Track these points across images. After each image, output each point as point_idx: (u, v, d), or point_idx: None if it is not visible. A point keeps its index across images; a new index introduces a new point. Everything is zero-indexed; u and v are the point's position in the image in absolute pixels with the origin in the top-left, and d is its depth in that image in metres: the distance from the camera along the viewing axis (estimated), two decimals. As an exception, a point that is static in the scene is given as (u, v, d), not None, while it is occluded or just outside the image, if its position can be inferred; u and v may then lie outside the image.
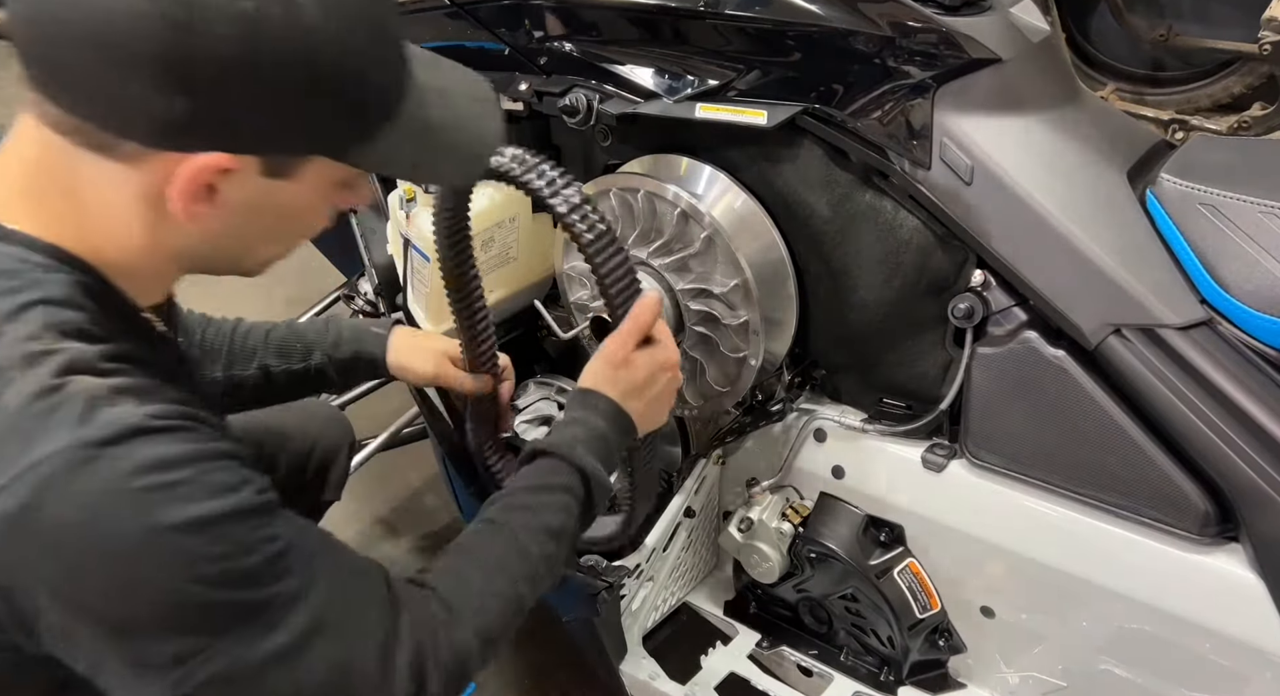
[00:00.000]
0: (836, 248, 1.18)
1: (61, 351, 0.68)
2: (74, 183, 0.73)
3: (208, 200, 0.72)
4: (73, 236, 0.74)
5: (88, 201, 0.73)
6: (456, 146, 0.80)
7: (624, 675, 1.38)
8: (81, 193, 0.73)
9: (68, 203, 0.73)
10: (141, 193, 0.72)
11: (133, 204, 0.73)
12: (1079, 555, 1.13)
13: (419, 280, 1.39)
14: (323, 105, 0.71)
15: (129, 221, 0.74)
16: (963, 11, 1.06)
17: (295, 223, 0.81)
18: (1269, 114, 2.78)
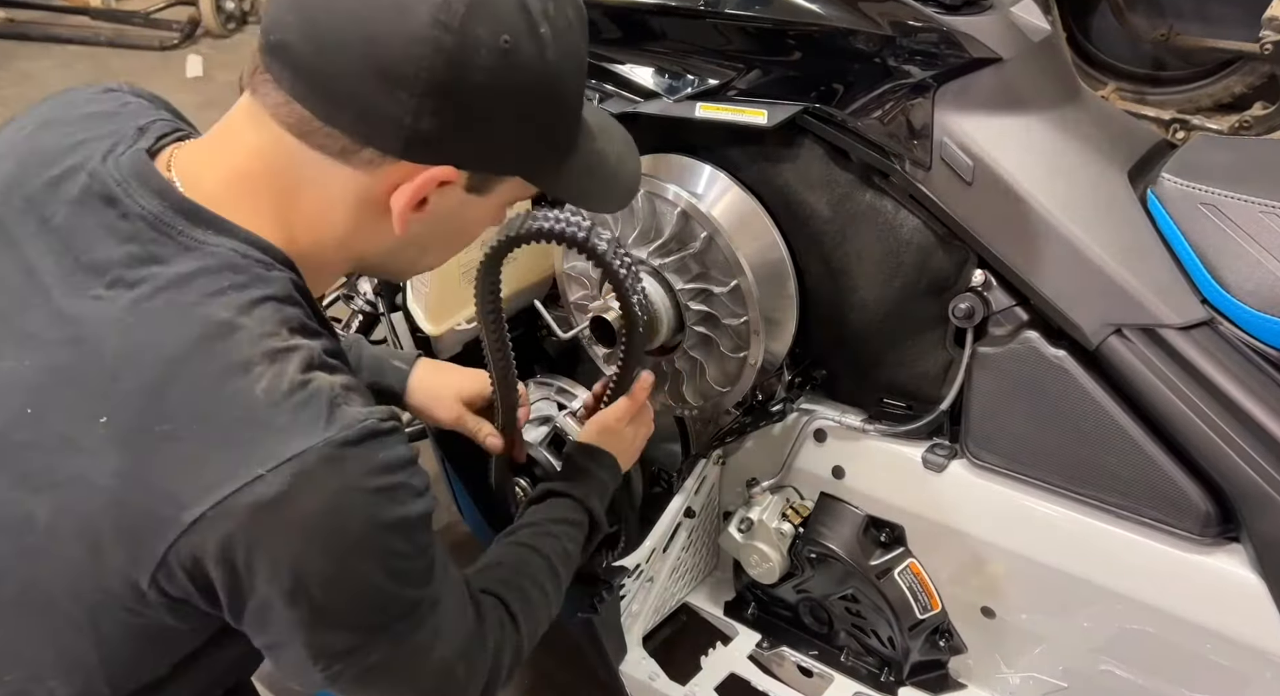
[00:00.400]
0: (836, 247, 1.18)
1: (299, 348, 0.73)
2: (296, 183, 0.77)
3: (419, 209, 0.78)
4: (284, 236, 0.78)
5: (304, 201, 0.77)
6: (617, 179, 0.91)
7: (624, 675, 1.38)
8: (300, 193, 0.77)
9: (284, 202, 0.77)
10: (364, 198, 0.77)
11: (351, 207, 0.77)
12: (1080, 555, 1.13)
13: (418, 280, 1.39)
14: (540, 131, 0.79)
15: (338, 223, 0.78)
16: (963, 11, 1.06)
17: (467, 236, 0.89)
18: (1270, 113, 2.78)
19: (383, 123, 0.73)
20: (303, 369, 0.72)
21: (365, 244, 0.81)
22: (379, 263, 0.86)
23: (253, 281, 0.74)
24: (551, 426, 1.41)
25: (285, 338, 0.73)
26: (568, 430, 1.39)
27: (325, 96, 0.73)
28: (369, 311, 1.81)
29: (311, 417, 0.70)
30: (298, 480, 0.68)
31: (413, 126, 0.73)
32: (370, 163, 0.75)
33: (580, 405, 1.39)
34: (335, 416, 0.71)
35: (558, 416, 1.41)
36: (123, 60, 4.37)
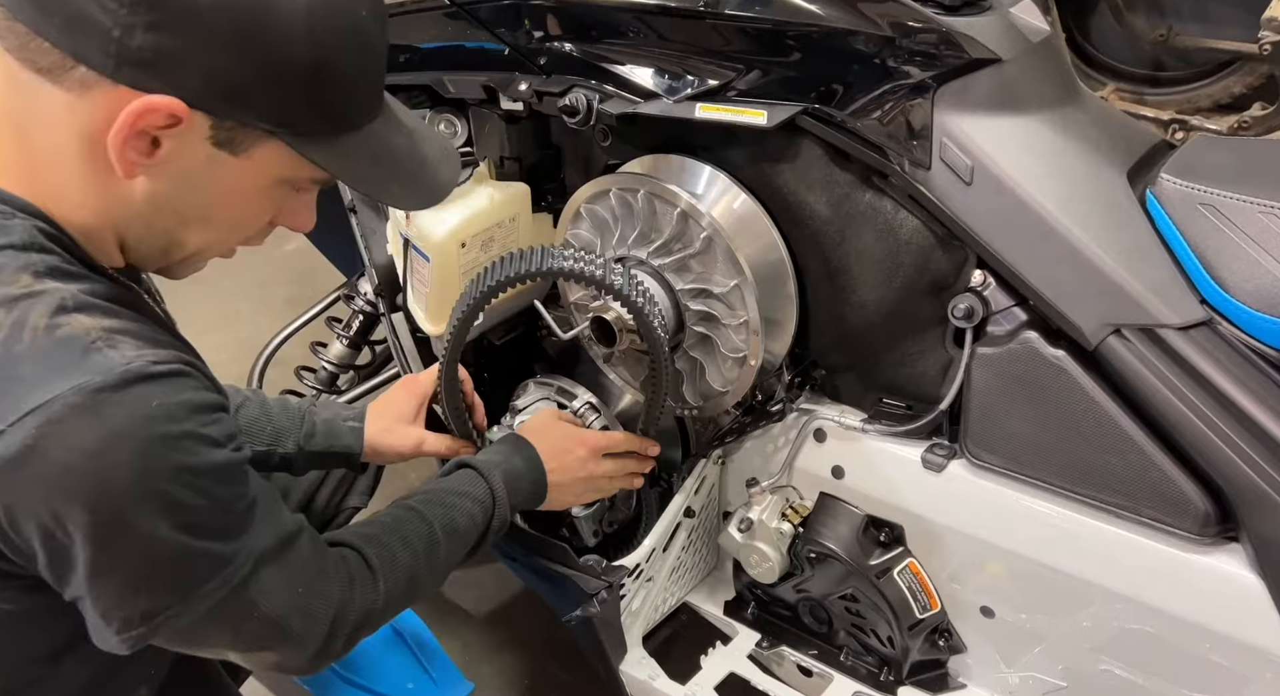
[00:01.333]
0: (836, 248, 1.18)
1: (46, 291, 0.68)
2: (23, 118, 0.71)
3: (147, 153, 0.71)
4: (26, 186, 0.72)
5: (36, 145, 0.71)
6: (413, 177, 0.83)
7: (624, 675, 1.38)
8: (30, 131, 0.71)
9: (18, 145, 0.72)
10: (82, 132, 0.70)
11: (77, 147, 0.70)
12: (1079, 555, 1.13)
13: (419, 280, 1.39)
14: (294, 84, 0.71)
15: (73, 173, 0.72)
16: (963, 11, 1.06)
17: (230, 207, 0.79)
18: (1269, 114, 2.78)
19: (90, 34, 0.66)
20: (52, 313, 0.67)
21: (104, 200, 0.73)
22: (137, 237, 0.78)
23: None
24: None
25: (28, 283, 0.68)
26: (567, 430, 1.39)
27: (33, 1, 0.67)
28: (369, 312, 1.82)
29: (60, 364, 0.65)
30: (42, 431, 0.64)
31: (122, 41, 0.66)
32: (83, 83, 0.68)
33: (582, 403, 1.39)
34: (90, 361, 0.66)
35: (558, 416, 1.41)
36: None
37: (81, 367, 0.65)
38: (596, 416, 1.40)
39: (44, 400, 0.64)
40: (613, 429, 1.41)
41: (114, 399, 0.65)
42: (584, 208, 1.30)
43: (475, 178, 1.33)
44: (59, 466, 0.65)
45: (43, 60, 0.68)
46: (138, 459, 0.67)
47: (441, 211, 1.30)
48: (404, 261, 1.41)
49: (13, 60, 0.69)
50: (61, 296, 0.68)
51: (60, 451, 0.64)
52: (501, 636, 1.80)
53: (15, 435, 0.64)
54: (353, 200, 1.50)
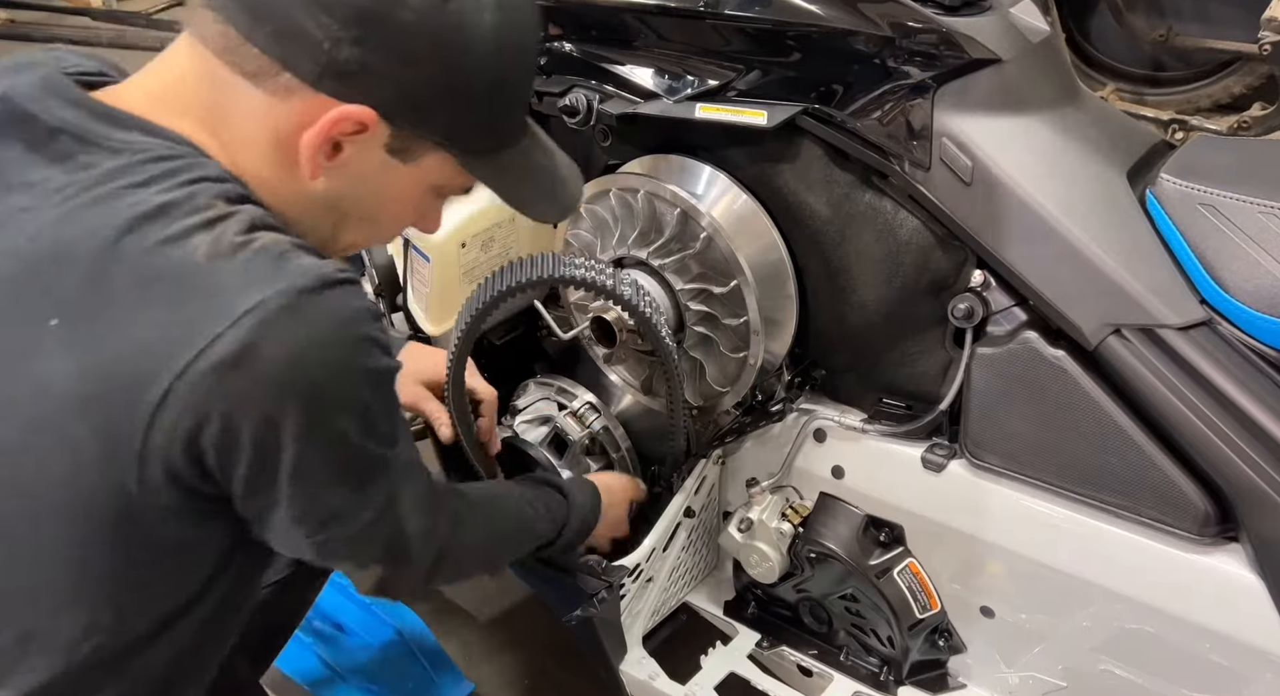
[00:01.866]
0: (836, 248, 1.18)
1: (239, 212, 0.72)
2: (220, 109, 0.75)
3: (331, 157, 0.76)
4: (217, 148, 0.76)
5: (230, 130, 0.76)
6: (553, 194, 0.91)
7: (624, 675, 1.38)
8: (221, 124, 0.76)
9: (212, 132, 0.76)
10: (278, 133, 0.75)
11: (267, 144, 0.76)
12: (1079, 555, 1.13)
13: (419, 280, 1.39)
14: (472, 102, 0.78)
15: (260, 163, 0.77)
16: (963, 12, 1.06)
17: (389, 209, 0.86)
18: (1269, 114, 2.78)
19: (301, 45, 0.71)
20: (244, 230, 0.71)
21: (284, 193, 0.78)
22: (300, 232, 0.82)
23: (184, 168, 0.73)
24: (552, 426, 1.41)
25: (222, 207, 0.72)
26: (568, 430, 1.40)
27: (249, 11, 0.72)
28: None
29: (262, 270, 0.69)
30: (259, 331, 0.67)
31: (331, 54, 0.71)
32: (285, 88, 0.73)
33: (582, 403, 1.39)
34: (287, 266, 0.70)
35: (558, 416, 1.41)
36: (124, 61, 4.37)
37: (281, 272, 0.69)
38: (596, 416, 1.40)
39: (254, 303, 0.67)
40: (613, 429, 1.41)
41: (314, 300, 0.70)
42: (584, 208, 1.30)
43: (475, 178, 1.33)
44: (273, 366, 0.68)
45: (249, 64, 0.73)
46: (338, 359, 0.71)
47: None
48: (404, 261, 1.41)
49: (216, 60, 0.74)
50: (253, 216, 0.73)
51: (273, 350, 0.68)
52: (501, 636, 1.80)
53: (233, 337, 0.67)
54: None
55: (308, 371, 0.69)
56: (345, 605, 1.73)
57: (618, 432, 1.42)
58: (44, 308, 0.70)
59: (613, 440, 1.42)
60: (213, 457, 0.71)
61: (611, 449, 1.42)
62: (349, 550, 0.84)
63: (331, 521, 0.78)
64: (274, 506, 0.76)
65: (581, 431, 1.40)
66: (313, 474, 0.74)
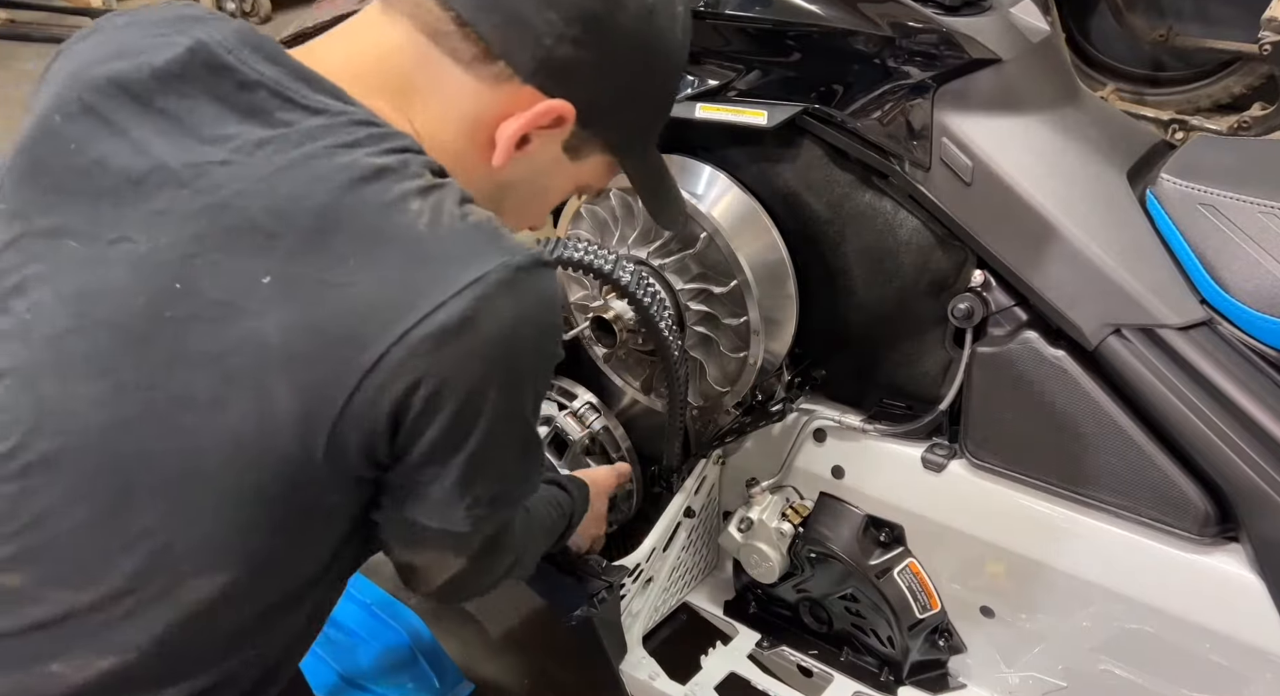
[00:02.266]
0: (836, 248, 1.18)
1: (449, 184, 0.73)
2: (416, 87, 0.76)
3: (520, 148, 0.78)
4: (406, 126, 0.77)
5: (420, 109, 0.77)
6: (677, 200, 0.97)
7: (624, 675, 1.38)
8: (418, 99, 0.77)
9: (403, 103, 0.77)
10: (477, 117, 0.77)
11: (463, 126, 0.77)
12: (1079, 555, 1.13)
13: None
14: (648, 105, 0.83)
15: (447, 143, 0.78)
16: (963, 11, 1.06)
17: (545, 201, 0.89)
18: (1269, 114, 2.78)
19: (524, 37, 0.74)
20: (460, 201, 0.72)
21: (463, 176, 0.78)
22: None
23: (385, 136, 0.73)
24: (552, 427, 1.41)
25: (432, 178, 0.72)
26: (568, 430, 1.40)
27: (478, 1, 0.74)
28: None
29: (483, 243, 0.70)
30: (480, 304, 0.68)
31: (551, 49, 0.74)
32: (496, 77, 0.75)
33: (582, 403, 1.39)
34: (504, 242, 0.71)
35: (558, 416, 1.41)
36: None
37: (500, 247, 0.70)
38: (597, 416, 1.40)
39: (478, 275, 0.68)
40: (613, 429, 1.41)
41: (528, 280, 0.71)
42: (584, 208, 1.30)
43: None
44: (487, 339, 0.69)
45: (465, 50, 0.75)
46: (539, 339, 0.73)
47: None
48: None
49: (427, 40, 0.75)
50: (460, 189, 0.73)
51: (491, 323, 0.69)
52: (501, 636, 1.80)
53: (457, 305, 0.67)
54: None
55: (516, 347, 0.71)
56: (345, 606, 1.73)
57: (618, 433, 1.42)
58: (256, 265, 0.68)
59: (613, 440, 1.42)
60: (407, 426, 0.71)
61: (612, 449, 1.42)
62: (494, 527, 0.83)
63: (496, 499, 0.79)
64: (443, 475, 0.75)
65: (581, 431, 1.40)
66: (495, 449, 0.75)
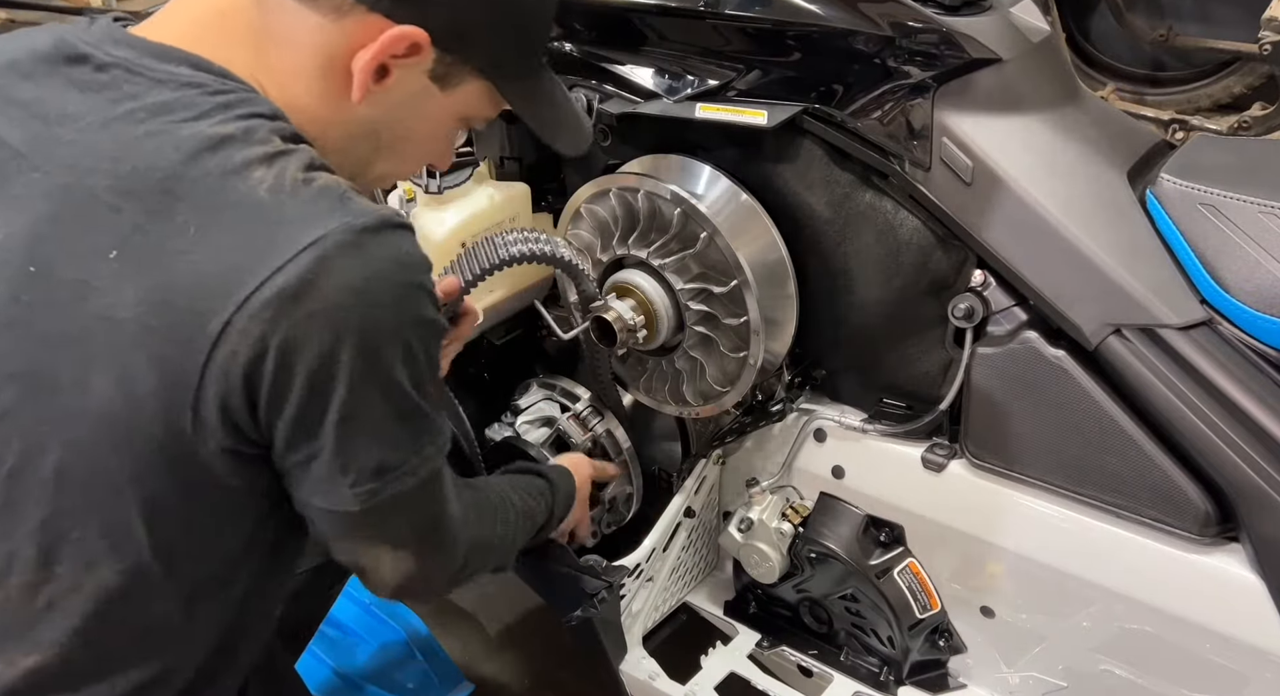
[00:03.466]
0: (836, 248, 1.18)
1: (298, 150, 0.72)
2: (265, 34, 0.75)
3: (378, 81, 0.76)
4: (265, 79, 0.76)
5: (273, 58, 0.76)
6: (576, 125, 0.92)
7: (624, 675, 1.38)
8: (269, 48, 0.75)
9: (255, 57, 0.76)
10: (329, 55, 0.75)
11: (317, 67, 0.76)
12: (1079, 555, 1.13)
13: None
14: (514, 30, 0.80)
15: (304, 89, 0.76)
16: (963, 11, 1.06)
17: (421, 138, 0.86)
18: (1269, 114, 2.78)
19: None
20: (305, 168, 0.71)
21: (327, 120, 0.78)
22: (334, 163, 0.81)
23: (237, 102, 0.73)
24: (554, 429, 1.41)
25: (279, 144, 0.72)
26: (570, 433, 1.40)
27: None
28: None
29: (325, 207, 0.69)
30: (319, 265, 0.67)
31: None
32: (339, 9, 0.73)
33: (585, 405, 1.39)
34: (349, 205, 0.70)
35: (560, 419, 1.41)
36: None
37: (344, 210, 0.69)
38: (599, 420, 1.40)
39: (317, 236, 0.67)
40: (614, 431, 1.41)
41: (375, 240, 0.69)
42: (584, 208, 1.30)
43: (475, 178, 1.33)
44: (332, 299, 0.68)
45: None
46: (394, 299, 0.71)
47: (441, 211, 1.30)
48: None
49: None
50: (310, 155, 0.73)
51: (333, 283, 0.67)
52: (501, 636, 1.80)
53: (294, 269, 0.66)
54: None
55: (364, 307, 0.69)
56: (345, 606, 1.73)
57: (619, 434, 1.42)
58: (102, 241, 0.69)
59: (614, 443, 1.42)
60: (264, 395, 0.70)
61: (613, 452, 1.42)
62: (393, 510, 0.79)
63: (381, 471, 0.76)
64: (318, 453, 0.73)
65: (584, 435, 1.40)
66: (363, 416, 0.72)
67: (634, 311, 1.23)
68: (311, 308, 0.67)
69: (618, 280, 1.26)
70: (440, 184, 1.29)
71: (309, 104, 0.77)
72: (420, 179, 1.29)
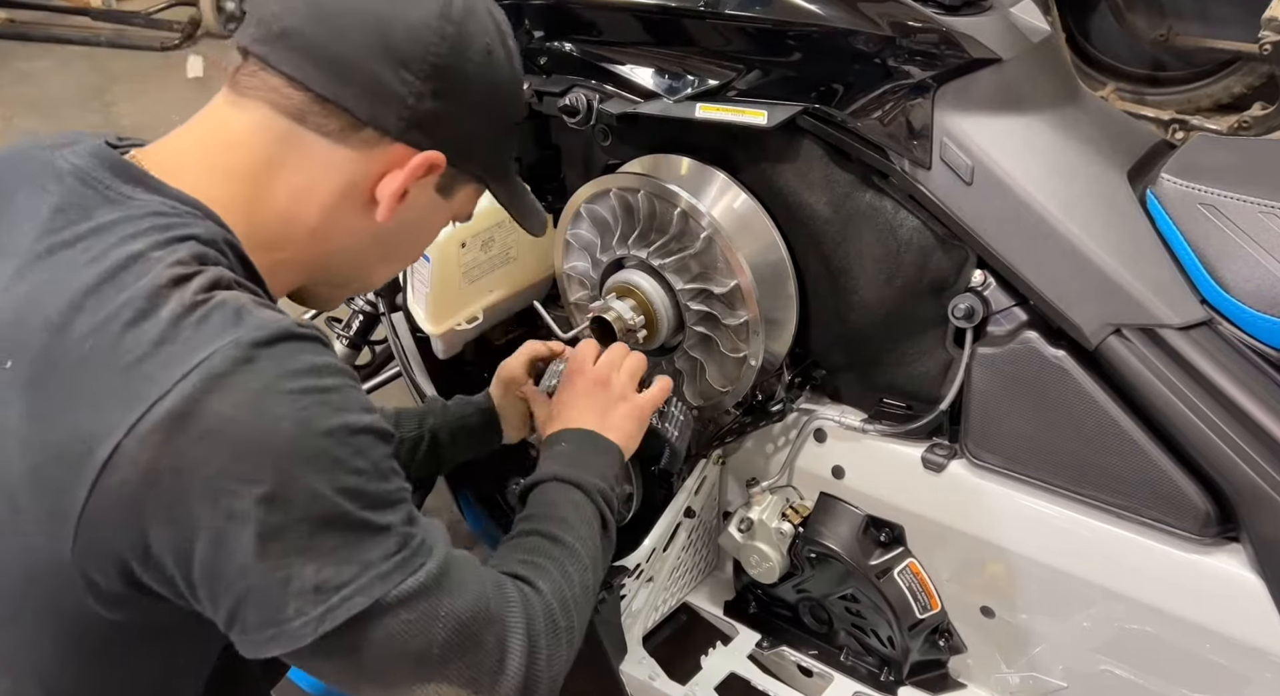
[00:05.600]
0: (836, 248, 1.18)
1: (207, 270, 0.71)
2: (277, 166, 0.78)
3: (401, 200, 0.81)
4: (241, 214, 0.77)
5: (281, 186, 0.78)
6: (539, 211, 1.00)
7: (624, 675, 1.38)
8: (278, 177, 0.78)
9: (256, 184, 0.78)
10: (351, 182, 0.79)
11: (336, 192, 0.79)
12: (1079, 555, 1.13)
13: (419, 280, 1.39)
14: (501, 137, 0.88)
15: (315, 210, 0.79)
16: (963, 11, 1.06)
17: (421, 242, 0.93)
18: (1269, 114, 2.78)
19: (387, 101, 0.77)
20: (204, 289, 0.69)
21: (337, 237, 0.82)
22: (340, 265, 0.85)
23: (178, 225, 0.72)
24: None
25: (193, 266, 0.70)
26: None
27: (333, 74, 0.76)
28: (369, 312, 1.82)
29: (218, 324, 0.67)
30: (206, 384, 0.64)
31: (415, 107, 0.77)
32: (367, 143, 0.78)
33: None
34: (243, 320, 0.68)
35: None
36: (123, 61, 4.37)
37: (238, 325, 0.68)
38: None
39: (205, 355, 0.66)
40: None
41: (267, 352, 0.67)
42: (584, 208, 1.30)
43: (475, 178, 1.33)
44: (223, 420, 0.64)
45: (331, 124, 0.77)
46: (296, 412, 0.66)
47: (441, 211, 1.30)
48: (404, 261, 1.41)
49: (279, 116, 0.77)
50: (221, 275, 0.72)
51: (224, 405, 0.65)
52: (501, 636, 1.79)
53: (181, 391, 0.64)
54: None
55: (260, 427, 0.65)
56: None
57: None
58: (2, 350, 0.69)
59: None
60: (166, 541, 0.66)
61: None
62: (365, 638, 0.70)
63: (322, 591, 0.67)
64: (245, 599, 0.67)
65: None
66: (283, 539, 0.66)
67: (634, 311, 1.23)
68: (203, 429, 0.64)
69: (618, 280, 1.26)
70: (440, 184, 1.28)
71: (318, 227, 0.80)
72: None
